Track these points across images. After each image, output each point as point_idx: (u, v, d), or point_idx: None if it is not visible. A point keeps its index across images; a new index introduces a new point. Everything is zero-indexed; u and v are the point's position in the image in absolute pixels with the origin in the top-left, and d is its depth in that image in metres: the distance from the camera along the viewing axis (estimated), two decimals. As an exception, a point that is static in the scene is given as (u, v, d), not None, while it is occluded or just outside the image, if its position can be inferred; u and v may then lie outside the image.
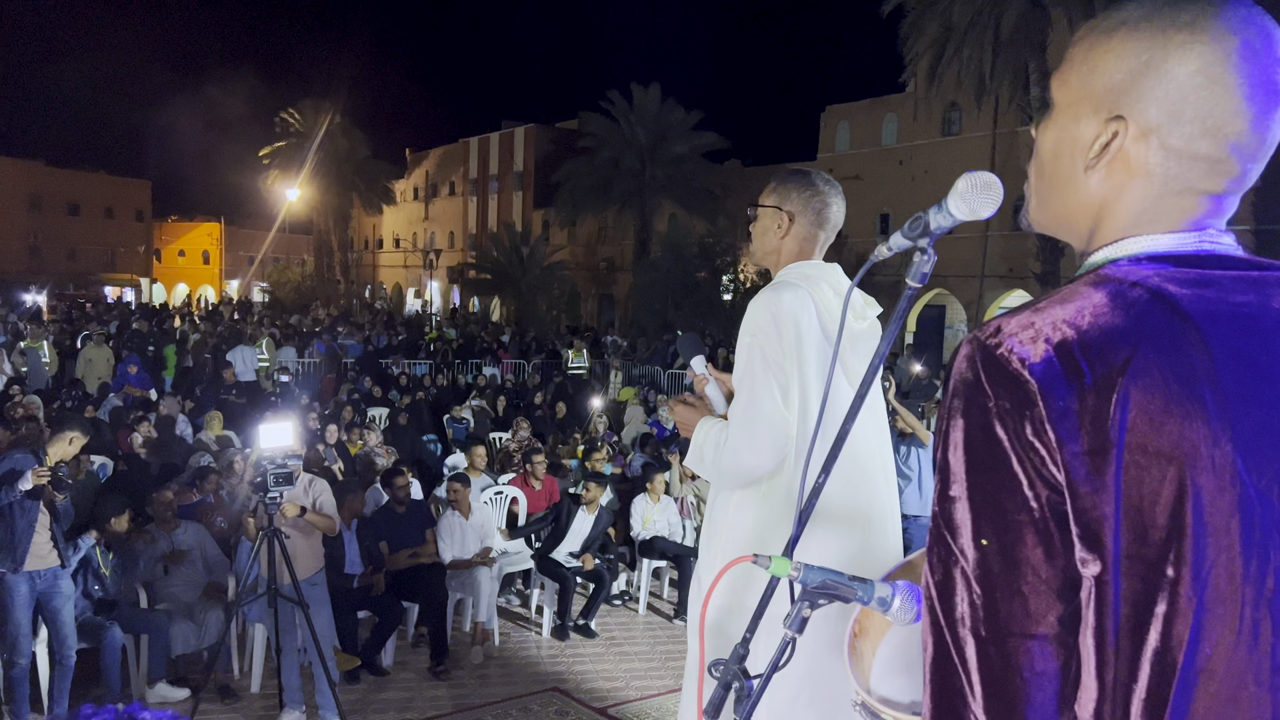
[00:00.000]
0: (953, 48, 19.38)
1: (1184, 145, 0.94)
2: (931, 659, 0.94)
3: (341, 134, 44.18)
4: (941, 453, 0.94)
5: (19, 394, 11.09)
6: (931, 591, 0.94)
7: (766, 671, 1.36)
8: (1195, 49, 0.92)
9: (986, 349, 0.91)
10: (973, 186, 1.17)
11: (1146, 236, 0.97)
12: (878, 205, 29.45)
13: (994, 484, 0.89)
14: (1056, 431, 0.86)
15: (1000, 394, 0.89)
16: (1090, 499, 0.86)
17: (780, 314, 2.28)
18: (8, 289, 35.98)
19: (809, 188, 2.49)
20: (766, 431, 2.26)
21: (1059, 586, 0.88)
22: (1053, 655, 0.88)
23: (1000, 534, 0.89)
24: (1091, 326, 0.89)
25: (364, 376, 15.52)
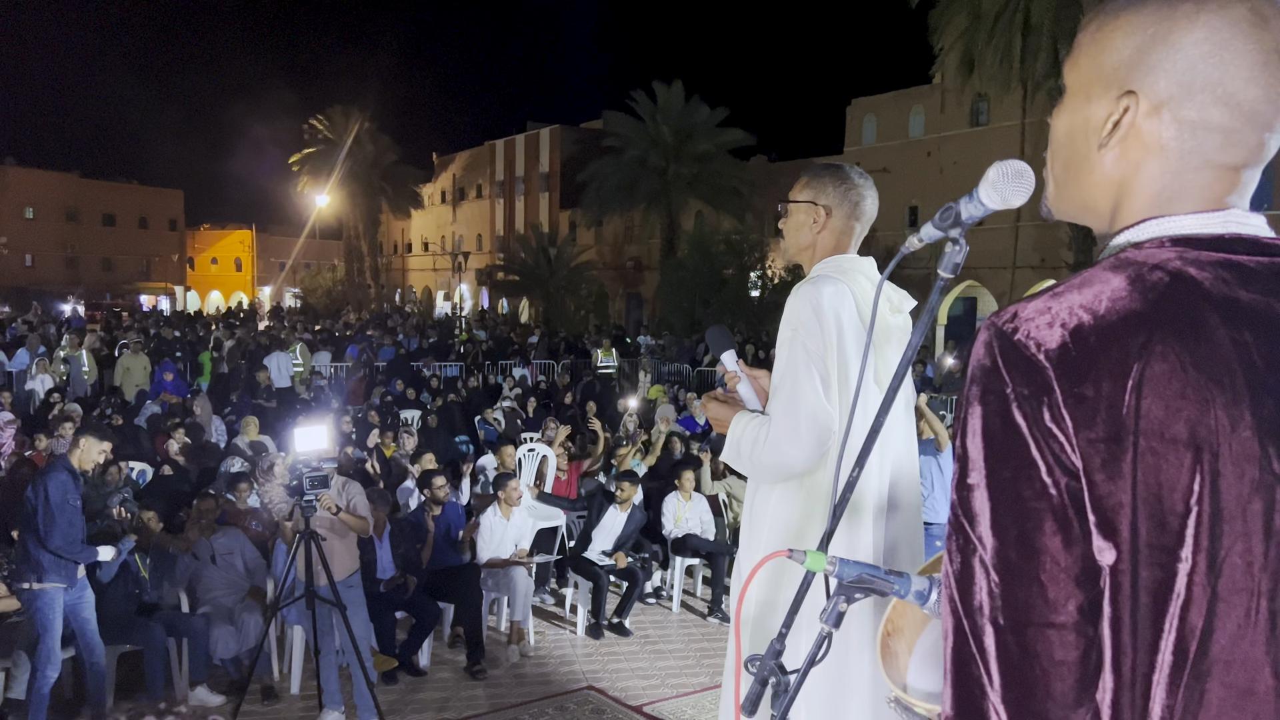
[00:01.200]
0: (983, 37, 19.20)
1: (1197, 116, 0.93)
2: (951, 648, 0.93)
3: (369, 139, 44.57)
4: (960, 440, 0.93)
5: (59, 401, 11.28)
6: (950, 580, 0.93)
7: (803, 666, 1.35)
8: (1201, 18, 0.91)
9: (1003, 334, 0.90)
10: (1004, 175, 1.16)
11: (1169, 218, 0.95)
12: (906, 198, 29.24)
13: (1012, 471, 0.88)
14: (1073, 417, 0.85)
15: (1017, 380, 0.88)
16: (1106, 486, 0.85)
17: (821, 307, 2.27)
18: (46, 299, 36.62)
19: (844, 181, 2.47)
20: (809, 425, 2.24)
21: (1078, 574, 0.87)
22: (1073, 644, 0.87)
23: (1019, 521, 0.88)
24: (1108, 311, 0.88)
25: (395, 379, 15.65)
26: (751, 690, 1.48)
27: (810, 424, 2.25)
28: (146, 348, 16.79)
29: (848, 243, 2.49)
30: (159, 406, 12.10)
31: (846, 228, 2.48)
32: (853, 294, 2.33)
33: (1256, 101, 0.92)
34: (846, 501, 1.45)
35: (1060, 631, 0.87)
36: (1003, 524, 0.89)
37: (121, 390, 13.61)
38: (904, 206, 29.40)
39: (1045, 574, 0.87)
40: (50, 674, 4.94)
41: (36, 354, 15.91)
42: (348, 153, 43.49)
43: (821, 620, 1.33)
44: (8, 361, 15.99)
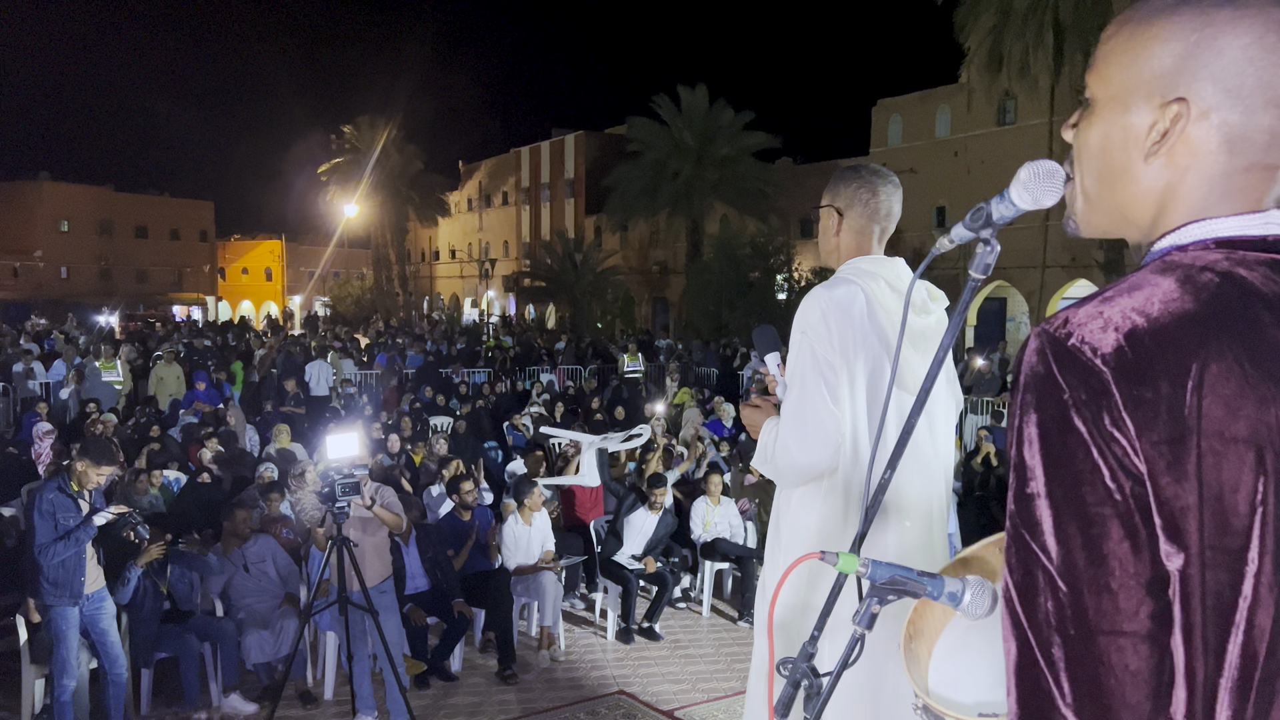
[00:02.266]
0: (1011, 34, 19.03)
1: (1245, 119, 0.93)
2: (1016, 663, 0.91)
3: (396, 149, 44.93)
4: (1015, 450, 0.92)
5: (94, 412, 11.45)
6: (1012, 593, 0.91)
7: (836, 669, 1.35)
8: (1245, 21, 0.91)
9: (1056, 340, 0.89)
10: (1035, 175, 1.15)
11: (1211, 220, 0.95)
12: (933, 198, 29.02)
13: (1075, 477, 0.87)
14: (1134, 421, 0.84)
15: (1074, 385, 0.87)
16: (1172, 489, 0.84)
17: (829, 310, 2.29)
18: (82, 311, 37.18)
19: (855, 180, 2.48)
20: (816, 429, 2.26)
21: (1148, 581, 0.85)
22: (1146, 654, 0.85)
23: (1085, 528, 0.86)
24: (1162, 313, 0.87)
25: (424, 386, 15.74)
26: (784, 693, 1.48)
27: (816, 427, 2.26)
28: (179, 357, 17.00)
29: (868, 243, 2.48)
30: (193, 415, 12.25)
31: (863, 227, 2.47)
32: (867, 295, 2.31)
33: None
34: (879, 503, 1.45)
35: (1134, 640, 0.85)
36: (1067, 532, 0.87)
37: (156, 400, 13.80)
38: (931, 207, 29.19)
39: (1115, 580, 0.85)
40: (67, 683, 4.97)
41: (73, 364, 16.16)
42: (375, 162, 43.87)
43: (854, 622, 1.33)
44: (45, 373, 16.25)
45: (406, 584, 6.26)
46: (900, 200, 2.52)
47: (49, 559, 4.89)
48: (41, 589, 4.96)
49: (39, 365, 16.64)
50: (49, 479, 5.38)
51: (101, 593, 5.21)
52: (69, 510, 4.99)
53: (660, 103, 31.32)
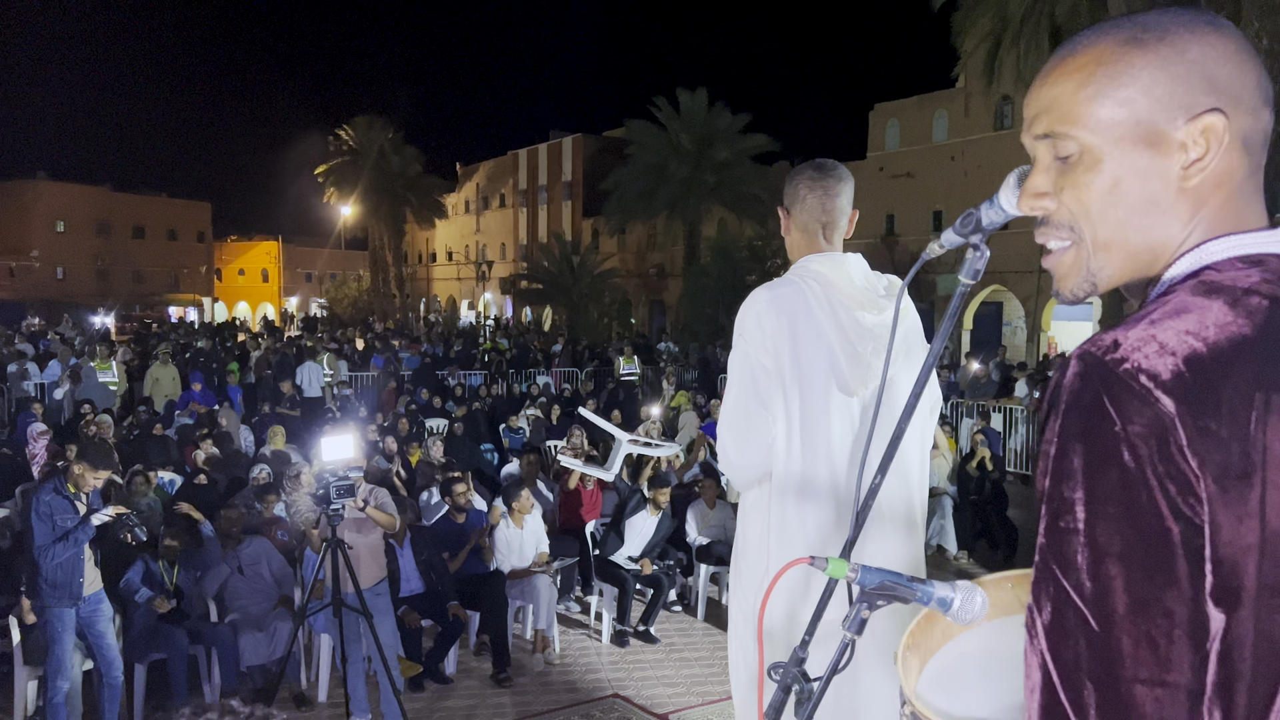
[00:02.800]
0: (1008, 39, 19.06)
1: (1253, 123, 0.93)
2: (1042, 704, 0.86)
3: (394, 150, 44.95)
4: (1051, 481, 0.86)
5: (90, 413, 11.43)
6: (1039, 630, 0.86)
7: (826, 674, 1.35)
8: (1220, 36, 0.93)
9: (1105, 366, 0.83)
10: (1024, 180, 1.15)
11: (1232, 237, 0.92)
12: (930, 202, 29.06)
13: (1120, 516, 0.81)
14: (1197, 455, 0.79)
15: (1128, 417, 0.81)
16: (1234, 529, 0.79)
17: (764, 312, 2.27)
18: (78, 312, 37.12)
19: (798, 177, 2.43)
20: (747, 433, 2.27)
21: (1190, 630, 0.80)
22: (1184, 705, 0.80)
23: (1127, 571, 0.81)
24: (1219, 338, 0.82)
25: (421, 388, 15.73)
26: (775, 698, 1.48)
27: (747, 432, 2.27)
28: (175, 358, 16.98)
29: (816, 241, 2.42)
30: (189, 417, 12.24)
31: (808, 225, 2.42)
32: (810, 294, 2.27)
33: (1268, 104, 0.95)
34: (869, 508, 1.45)
35: (1172, 691, 0.80)
36: (1108, 573, 0.81)
37: (151, 401, 13.78)
38: (928, 211, 29.23)
39: (1156, 628, 0.80)
40: (61, 684, 4.95)
41: (68, 365, 16.13)
42: (373, 164, 43.89)
43: (844, 627, 1.33)
44: (40, 373, 16.22)
45: (401, 586, 6.24)
46: (846, 193, 2.42)
47: (48, 560, 4.88)
48: (40, 590, 4.95)
49: (34, 366, 16.61)
50: (45, 480, 5.37)
51: (99, 594, 5.20)
52: (66, 512, 4.98)
53: (659, 105, 31.34)
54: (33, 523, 4.91)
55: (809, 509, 2.25)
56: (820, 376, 2.24)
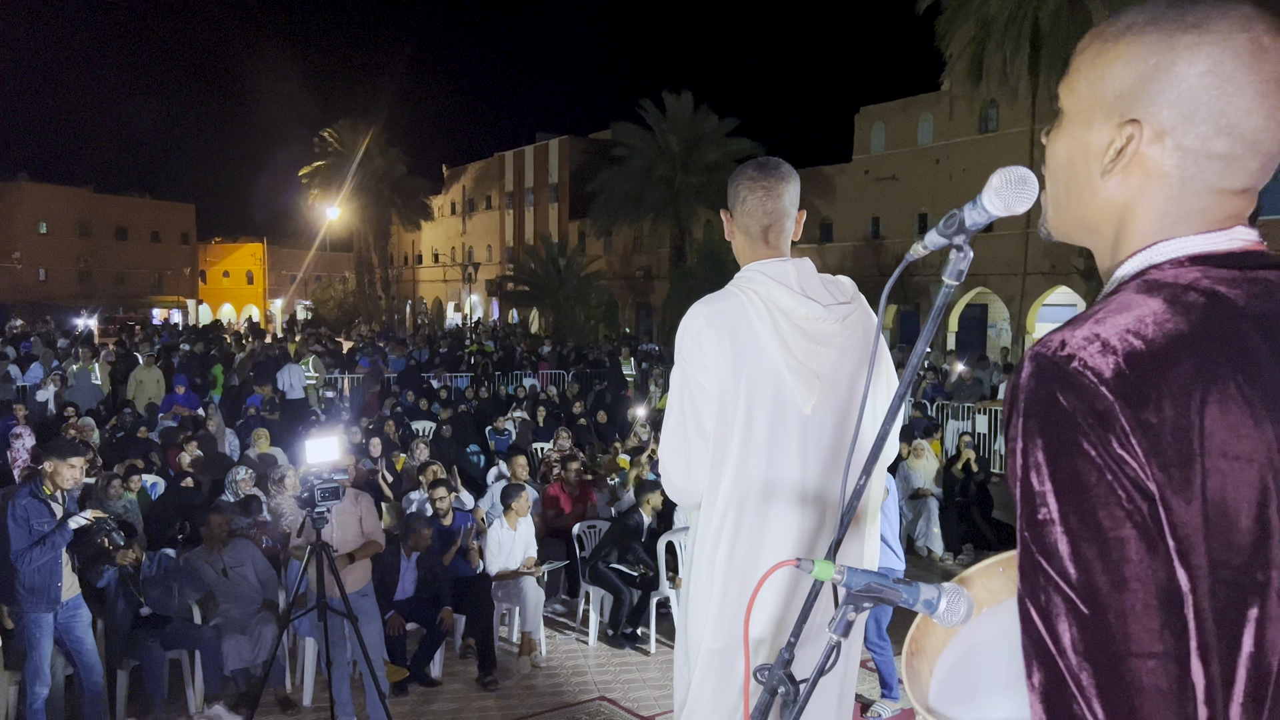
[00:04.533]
0: (992, 43, 19.17)
1: (1199, 145, 0.94)
2: (1044, 690, 0.90)
3: (379, 152, 44.80)
4: (1021, 476, 0.91)
5: (73, 415, 11.34)
6: (1035, 620, 0.90)
7: (812, 675, 1.35)
8: (1204, 49, 0.92)
9: (1056, 365, 0.89)
10: (1007, 182, 1.16)
11: (1180, 239, 0.96)
12: (915, 205, 29.20)
13: (1089, 501, 0.86)
14: (1141, 445, 0.85)
15: (1080, 410, 0.87)
16: (1183, 511, 0.85)
17: (702, 329, 2.17)
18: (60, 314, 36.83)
19: (738, 178, 2.32)
20: (685, 455, 2.22)
21: (1167, 600, 0.85)
22: (1173, 673, 0.85)
23: (1103, 552, 0.86)
24: (1157, 335, 0.88)
25: (406, 390, 15.68)
26: (761, 700, 1.48)
27: (685, 452, 2.22)
28: (159, 361, 16.87)
29: (760, 244, 2.29)
30: (171, 420, 12.15)
31: (750, 228, 2.29)
32: (750, 305, 2.18)
33: (1258, 130, 0.93)
34: (854, 510, 1.45)
35: (1161, 660, 0.85)
36: (1085, 556, 0.86)
37: (134, 403, 13.68)
38: (913, 214, 29.36)
39: (1139, 602, 0.85)
40: (40, 690, 4.90)
41: (51, 368, 16.01)
42: (358, 165, 43.74)
43: (830, 629, 1.33)
44: (21, 376, 16.09)
45: (397, 590, 6.24)
46: (790, 193, 2.29)
47: (25, 565, 4.83)
48: (18, 595, 4.90)
49: (15, 368, 16.47)
50: (22, 484, 5.31)
51: (77, 600, 5.15)
52: (43, 515, 4.93)
53: (646, 108, 31.37)
54: (9, 528, 4.87)
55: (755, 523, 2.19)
56: (765, 393, 2.16)
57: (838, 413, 2.22)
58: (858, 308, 2.28)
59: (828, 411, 2.20)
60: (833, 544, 1.43)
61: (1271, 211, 18.18)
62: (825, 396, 2.19)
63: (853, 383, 2.23)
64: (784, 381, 2.17)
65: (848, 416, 2.23)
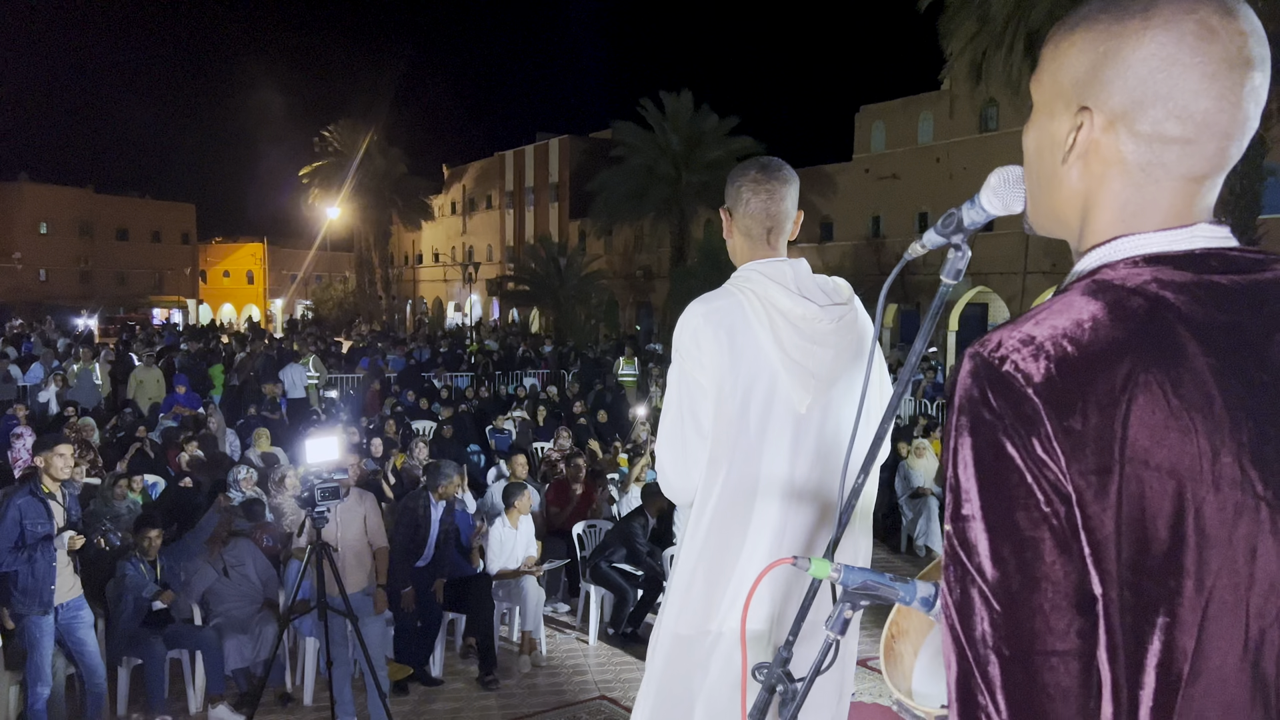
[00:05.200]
0: (992, 42, 19.17)
1: (1152, 130, 0.94)
2: (956, 679, 0.93)
3: (379, 152, 44.76)
4: (951, 470, 0.93)
5: (73, 415, 11.34)
6: (951, 611, 0.93)
7: (810, 673, 1.35)
8: (1149, 34, 0.93)
9: (990, 365, 0.90)
10: (1005, 181, 1.17)
11: (1138, 236, 0.96)
12: (916, 204, 29.19)
13: (1008, 500, 0.88)
14: (1063, 449, 0.86)
15: (1006, 411, 0.88)
16: (1098, 518, 0.86)
17: (701, 328, 2.18)
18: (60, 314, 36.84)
19: (739, 177, 2.32)
20: (683, 453, 2.23)
21: (1077, 601, 0.87)
22: (1076, 671, 0.87)
23: (1018, 551, 0.88)
24: (1091, 341, 0.88)
25: (407, 390, 15.67)
26: (759, 698, 1.48)
27: (682, 450, 2.23)
28: (159, 361, 16.88)
29: (760, 244, 2.30)
30: (172, 420, 12.15)
31: (751, 228, 2.29)
32: (748, 305, 2.19)
33: (1209, 113, 0.93)
34: (852, 509, 1.45)
35: (1064, 659, 0.87)
36: (1001, 554, 0.88)
37: (135, 403, 13.68)
38: (914, 213, 29.35)
39: (1047, 602, 0.87)
40: (41, 691, 4.91)
41: (51, 368, 16.01)
42: (358, 165, 43.69)
43: (827, 627, 1.33)
44: (22, 376, 16.09)
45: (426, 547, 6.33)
46: (792, 195, 2.31)
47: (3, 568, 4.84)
48: (12, 597, 4.90)
49: (16, 368, 16.48)
50: (21, 485, 5.31)
51: (78, 601, 5.14)
52: (40, 516, 4.93)
53: (646, 107, 31.36)
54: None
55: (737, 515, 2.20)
56: (761, 392, 2.18)
57: (830, 412, 2.23)
58: (852, 309, 2.29)
59: (825, 412, 2.21)
60: (831, 542, 1.44)
61: (1272, 210, 18.18)
62: (819, 396, 2.19)
63: (846, 383, 2.24)
64: (779, 380, 2.17)
65: (839, 416, 2.24)
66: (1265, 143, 15.30)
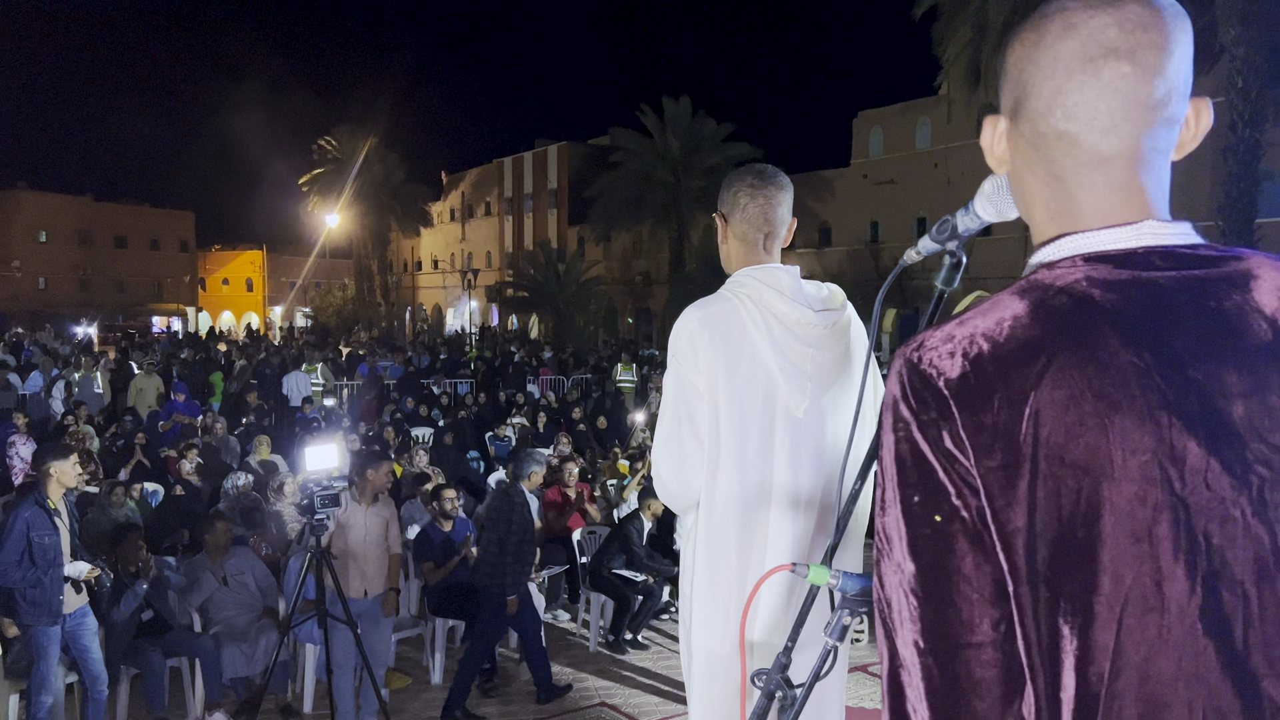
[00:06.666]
0: (988, 48, 19.22)
1: (1039, 125, 0.96)
2: (887, 672, 0.94)
3: (378, 159, 44.76)
4: (879, 465, 0.96)
5: (73, 423, 11.33)
6: (881, 605, 0.95)
7: (808, 680, 1.35)
8: (1020, 35, 0.97)
9: (910, 363, 0.93)
10: (998, 188, 1.17)
11: (1083, 234, 0.95)
12: (914, 209, 29.24)
13: (922, 495, 0.90)
14: (973, 444, 0.87)
15: (921, 407, 0.90)
16: (1005, 512, 0.86)
17: (696, 332, 2.19)
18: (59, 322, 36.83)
19: (736, 183, 2.33)
20: (679, 458, 2.23)
21: (992, 594, 0.88)
22: (990, 662, 0.88)
23: (932, 544, 0.89)
24: (1008, 339, 0.89)
25: (406, 397, 15.66)
26: (758, 705, 1.48)
27: (679, 455, 2.23)
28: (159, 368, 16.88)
29: (756, 250, 2.31)
30: (173, 427, 12.15)
31: (747, 234, 2.31)
32: (743, 311, 2.20)
33: (1082, 105, 0.93)
34: (850, 514, 1.45)
35: (977, 650, 0.88)
36: (917, 547, 0.90)
37: (135, 411, 13.68)
38: (911, 218, 29.39)
39: (959, 595, 0.88)
40: (45, 699, 4.90)
41: (52, 375, 16.00)
42: (357, 172, 43.70)
43: (825, 634, 1.33)
44: (21, 384, 16.08)
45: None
46: (787, 202, 2.32)
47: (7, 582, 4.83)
48: (19, 608, 4.89)
49: (15, 376, 16.47)
50: (26, 495, 5.29)
51: (84, 609, 5.14)
52: (45, 527, 4.92)
53: (645, 113, 31.43)
54: (4, 539, 4.84)
55: (754, 526, 2.20)
56: (758, 396, 2.18)
57: (826, 417, 2.23)
58: (845, 315, 2.30)
59: (821, 416, 2.22)
60: (829, 549, 1.44)
61: (1269, 214, 18.20)
62: (815, 400, 2.20)
63: (840, 388, 2.25)
64: (776, 384, 2.18)
65: (836, 421, 2.24)
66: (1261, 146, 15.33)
